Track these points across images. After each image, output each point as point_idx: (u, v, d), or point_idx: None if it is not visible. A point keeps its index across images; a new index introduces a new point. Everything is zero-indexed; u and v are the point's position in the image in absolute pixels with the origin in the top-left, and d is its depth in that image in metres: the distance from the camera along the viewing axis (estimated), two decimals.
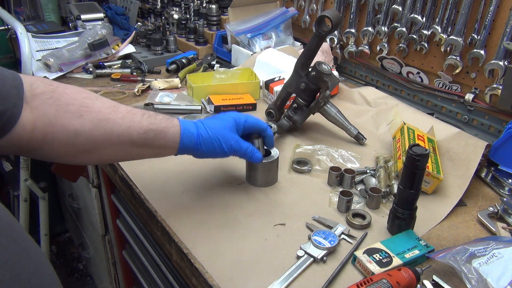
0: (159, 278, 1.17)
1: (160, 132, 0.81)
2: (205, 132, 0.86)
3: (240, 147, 0.89)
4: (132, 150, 0.81)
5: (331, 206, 0.94)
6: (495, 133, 1.24)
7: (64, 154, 0.77)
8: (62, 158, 0.78)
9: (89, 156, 0.79)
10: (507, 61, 1.14)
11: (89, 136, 0.75)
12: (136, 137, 0.79)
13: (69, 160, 0.79)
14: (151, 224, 0.95)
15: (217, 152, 0.88)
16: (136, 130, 0.79)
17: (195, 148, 0.86)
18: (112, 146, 0.78)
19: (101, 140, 0.77)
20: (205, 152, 0.87)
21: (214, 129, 0.87)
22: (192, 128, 0.86)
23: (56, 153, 0.76)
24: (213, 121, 0.89)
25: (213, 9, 1.76)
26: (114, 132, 0.77)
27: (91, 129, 0.75)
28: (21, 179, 1.94)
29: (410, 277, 0.71)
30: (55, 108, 0.72)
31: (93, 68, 1.57)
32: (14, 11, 2.20)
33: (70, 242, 2.66)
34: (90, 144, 0.76)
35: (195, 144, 0.85)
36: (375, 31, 1.45)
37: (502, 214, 0.91)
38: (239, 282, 0.76)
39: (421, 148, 0.78)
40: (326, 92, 1.13)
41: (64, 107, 0.73)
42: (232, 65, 1.67)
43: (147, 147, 0.82)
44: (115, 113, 0.78)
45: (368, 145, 1.17)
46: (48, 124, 0.71)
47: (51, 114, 0.71)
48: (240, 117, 0.92)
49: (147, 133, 0.80)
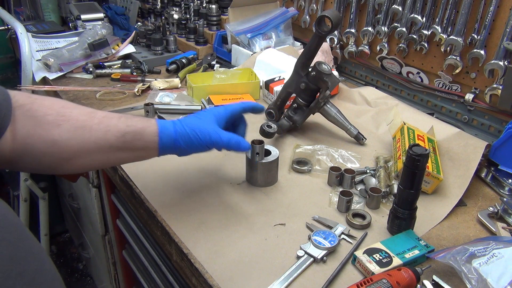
0: (159, 278, 1.17)
1: (137, 133, 0.81)
2: (181, 128, 0.85)
3: (220, 137, 0.86)
4: (112, 155, 0.81)
5: (331, 206, 0.94)
6: (495, 133, 1.24)
7: (46, 164, 0.77)
8: (45, 169, 0.79)
9: (71, 165, 0.79)
10: (507, 61, 1.14)
11: (67, 145, 0.75)
12: (114, 141, 0.79)
13: (53, 169, 0.79)
14: (151, 224, 0.95)
15: (196, 146, 0.86)
16: (113, 133, 0.79)
17: (174, 145, 0.85)
18: (91, 153, 0.78)
19: (79, 148, 0.77)
20: (185, 148, 0.86)
21: (191, 123, 0.86)
22: (169, 125, 0.85)
23: (37, 164, 0.76)
24: (191, 117, 0.89)
25: (213, 9, 1.76)
26: (91, 138, 0.77)
27: (69, 138, 0.75)
28: (21, 179, 1.94)
29: (410, 277, 0.71)
30: (33, 119, 0.73)
31: (93, 68, 1.57)
32: (14, 11, 2.20)
33: (70, 242, 2.66)
34: (68, 152, 0.76)
35: (174, 140, 0.84)
36: (375, 31, 1.45)
37: (502, 214, 0.91)
38: (239, 282, 0.76)
39: (421, 148, 0.78)
40: (326, 92, 1.13)
41: (42, 118, 0.74)
42: (232, 65, 1.67)
43: (127, 150, 0.81)
44: (91, 120, 0.78)
45: (368, 145, 1.17)
46: (27, 135, 0.72)
47: (29, 125, 0.72)
48: (219, 108, 0.91)
49: (125, 136, 0.80)
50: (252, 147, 0.95)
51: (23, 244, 0.54)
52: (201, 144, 0.86)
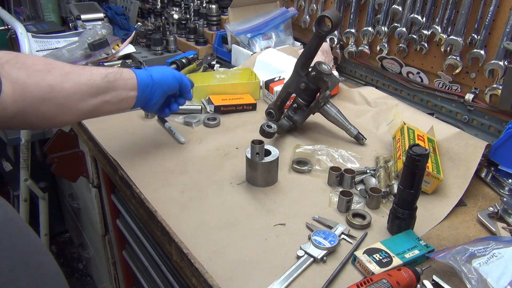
0: (159, 278, 1.17)
1: (117, 73, 0.93)
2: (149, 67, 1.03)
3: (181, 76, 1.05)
4: (100, 98, 0.90)
5: (331, 206, 0.94)
6: (495, 133, 1.24)
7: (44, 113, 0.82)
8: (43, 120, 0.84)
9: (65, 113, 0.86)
10: (507, 61, 1.14)
11: (63, 87, 0.82)
12: (100, 81, 0.89)
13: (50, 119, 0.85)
14: (151, 224, 0.95)
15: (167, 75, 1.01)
16: (98, 75, 0.89)
17: (148, 78, 0.98)
18: (83, 96, 0.86)
19: (73, 91, 0.84)
20: (158, 78, 0.99)
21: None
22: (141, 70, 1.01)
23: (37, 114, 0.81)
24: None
25: (213, 9, 1.76)
26: (81, 81, 0.86)
27: (62, 81, 0.83)
28: (21, 179, 1.94)
29: (410, 277, 0.71)
30: (24, 70, 0.78)
31: None
32: (14, 11, 2.20)
33: (70, 242, 2.66)
34: (64, 96, 0.83)
35: (147, 74, 0.98)
36: (375, 31, 1.45)
37: (502, 214, 0.91)
38: (239, 282, 0.76)
39: (421, 148, 0.78)
40: (326, 92, 1.13)
41: (31, 66, 0.79)
42: (232, 65, 1.67)
43: (111, 90, 0.91)
44: (76, 67, 0.88)
45: (368, 145, 1.17)
46: (23, 86, 0.77)
47: (23, 75, 0.77)
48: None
49: (108, 76, 0.91)
50: (252, 147, 0.95)
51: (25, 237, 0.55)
52: (169, 72, 1.02)
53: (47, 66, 0.82)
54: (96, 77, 0.88)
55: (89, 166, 1.49)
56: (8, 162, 2.12)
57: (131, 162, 1.06)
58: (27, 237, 0.56)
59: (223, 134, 1.20)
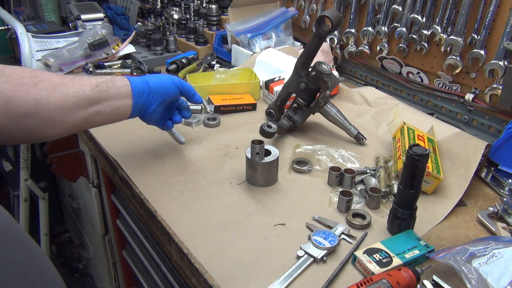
0: (159, 278, 1.17)
1: (109, 82, 0.89)
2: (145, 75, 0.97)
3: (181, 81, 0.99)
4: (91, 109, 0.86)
5: (331, 206, 0.94)
6: (495, 133, 1.24)
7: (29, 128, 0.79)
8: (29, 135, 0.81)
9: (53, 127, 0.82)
10: (507, 61, 1.14)
11: (48, 101, 0.79)
12: (90, 92, 0.85)
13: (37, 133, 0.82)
14: (151, 224, 0.95)
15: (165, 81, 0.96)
16: (88, 86, 0.85)
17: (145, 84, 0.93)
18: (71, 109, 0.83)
19: (60, 104, 0.81)
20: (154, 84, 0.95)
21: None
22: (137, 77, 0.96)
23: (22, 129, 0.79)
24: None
25: (213, 9, 1.76)
26: (69, 93, 0.82)
27: (48, 95, 0.79)
28: (21, 179, 1.94)
29: (410, 277, 0.71)
30: (9, 83, 0.76)
31: (93, 68, 1.57)
32: (14, 11, 2.20)
33: (70, 242, 2.66)
34: (50, 111, 0.80)
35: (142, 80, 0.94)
36: (375, 31, 1.45)
37: (502, 214, 0.91)
38: (239, 282, 0.76)
39: (421, 148, 0.78)
40: (326, 92, 1.13)
41: (17, 80, 0.77)
42: (232, 65, 1.67)
43: (103, 100, 0.87)
44: (64, 78, 0.84)
45: (368, 145, 1.17)
46: (6, 100, 0.75)
47: (8, 89, 0.75)
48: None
49: (99, 86, 0.87)
50: (252, 147, 0.95)
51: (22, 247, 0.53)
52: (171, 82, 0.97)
53: (34, 79, 0.79)
54: (86, 88, 0.85)
55: (89, 166, 1.49)
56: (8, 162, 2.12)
57: (131, 162, 1.06)
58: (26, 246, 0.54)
59: (223, 134, 1.21)
